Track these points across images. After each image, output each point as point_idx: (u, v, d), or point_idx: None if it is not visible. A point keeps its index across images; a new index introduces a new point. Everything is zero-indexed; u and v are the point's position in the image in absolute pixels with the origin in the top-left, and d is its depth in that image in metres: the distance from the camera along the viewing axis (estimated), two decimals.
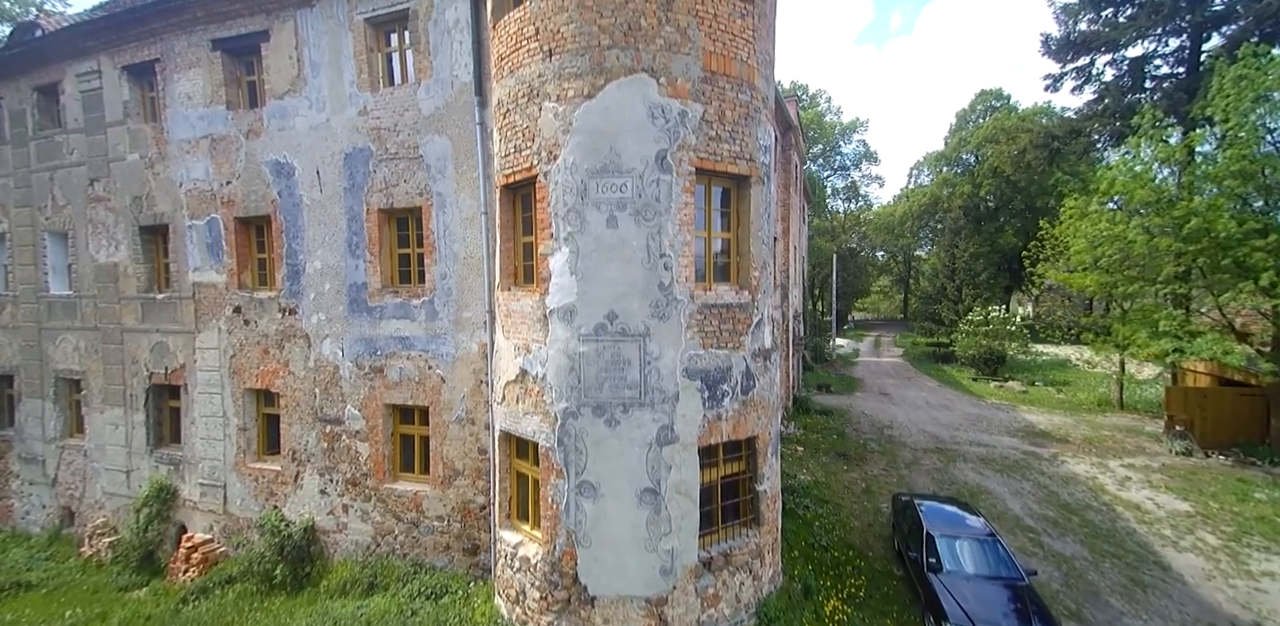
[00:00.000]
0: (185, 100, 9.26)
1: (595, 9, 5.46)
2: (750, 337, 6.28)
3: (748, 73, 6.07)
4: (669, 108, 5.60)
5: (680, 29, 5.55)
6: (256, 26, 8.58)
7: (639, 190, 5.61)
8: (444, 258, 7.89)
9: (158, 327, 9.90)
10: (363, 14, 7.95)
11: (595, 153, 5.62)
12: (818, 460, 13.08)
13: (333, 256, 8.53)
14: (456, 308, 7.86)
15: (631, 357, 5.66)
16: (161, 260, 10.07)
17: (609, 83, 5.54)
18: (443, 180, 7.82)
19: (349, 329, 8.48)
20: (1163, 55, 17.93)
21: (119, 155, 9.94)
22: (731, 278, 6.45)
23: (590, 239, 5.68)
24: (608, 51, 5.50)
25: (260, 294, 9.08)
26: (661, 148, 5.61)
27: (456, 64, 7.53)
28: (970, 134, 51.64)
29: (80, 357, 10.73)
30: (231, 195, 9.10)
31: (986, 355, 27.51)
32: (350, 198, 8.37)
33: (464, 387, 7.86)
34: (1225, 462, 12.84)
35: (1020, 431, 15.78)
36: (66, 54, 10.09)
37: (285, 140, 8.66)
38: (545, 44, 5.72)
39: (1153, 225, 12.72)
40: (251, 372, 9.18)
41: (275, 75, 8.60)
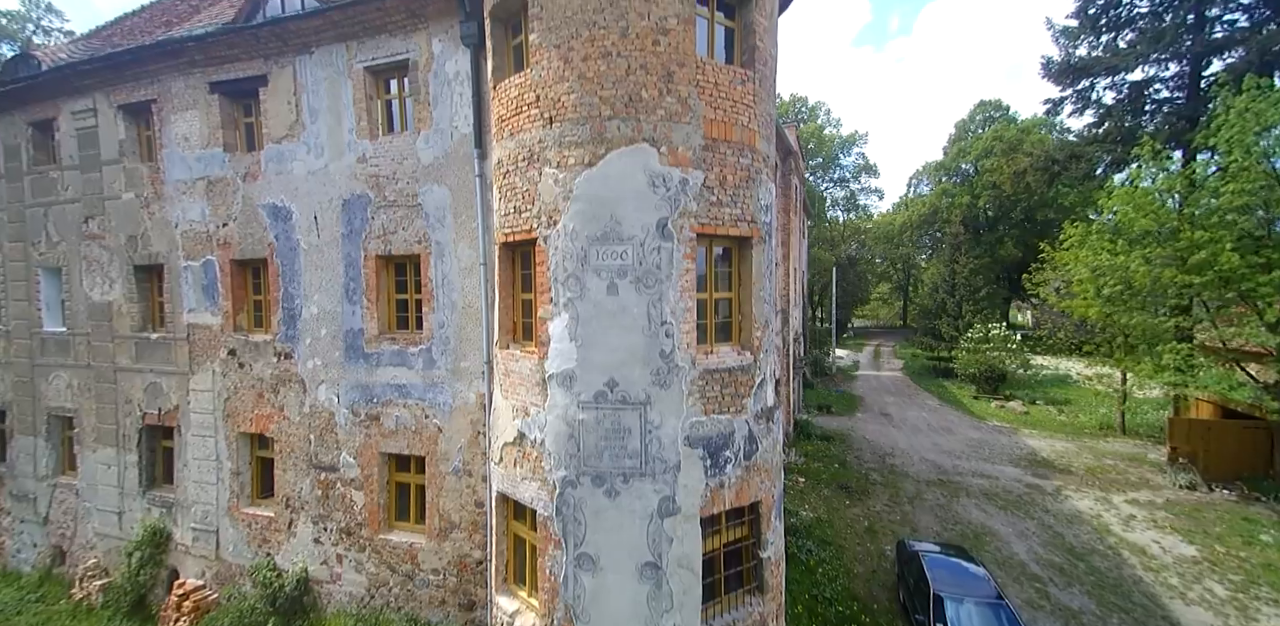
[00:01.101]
0: (182, 141, 9.19)
1: (596, 81, 5.39)
2: (753, 399, 6.18)
3: (748, 137, 6.00)
4: (670, 176, 5.52)
5: (681, 99, 5.48)
6: (255, 71, 8.52)
7: (640, 258, 5.53)
8: (442, 306, 7.80)
9: (151, 368, 9.78)
10: (362, 62, 7.89)
11: (596, 220, 5.54)
12: (819, 493, 12.94)
13: (330, 301, 8.43)
14: (454, 357, 7.76)
15: (632, 426, 5.55)
16: (156, 299, 9.96)
17: (610, 152, 5.46)
18: (441, 229, 7.74)
19: (345, 375, 8.37)
20: (1163, 79, 17.96)
21: (114, 193, 9.86)
22: (733, 337, 6.35)
23: (591, 305, 5.59)
24: (609, 122, 5.43)
25: (256, 337, 8.97)
26: (663, 216, 5.52)
27: (456, 115, 7.47)
28: (969, 144, 51.92)
29: (73, 395, 10.60)
30: (228, 237, 9.01)
31: (987, 373, 27.44)
32: (348, 243, 8.29)
33: (461, 438, 7.74)
34: (1230, 497, 12.72)
35: (1023, 460, 15.66)
36: (62, 91, 10.03)
37: (283, 184, 8.59)
38: (546, 111, 5.65)
39: (1155, 256, 12.66)
40: (246, 416, 9.06)
41: (273, 120, 8.53)
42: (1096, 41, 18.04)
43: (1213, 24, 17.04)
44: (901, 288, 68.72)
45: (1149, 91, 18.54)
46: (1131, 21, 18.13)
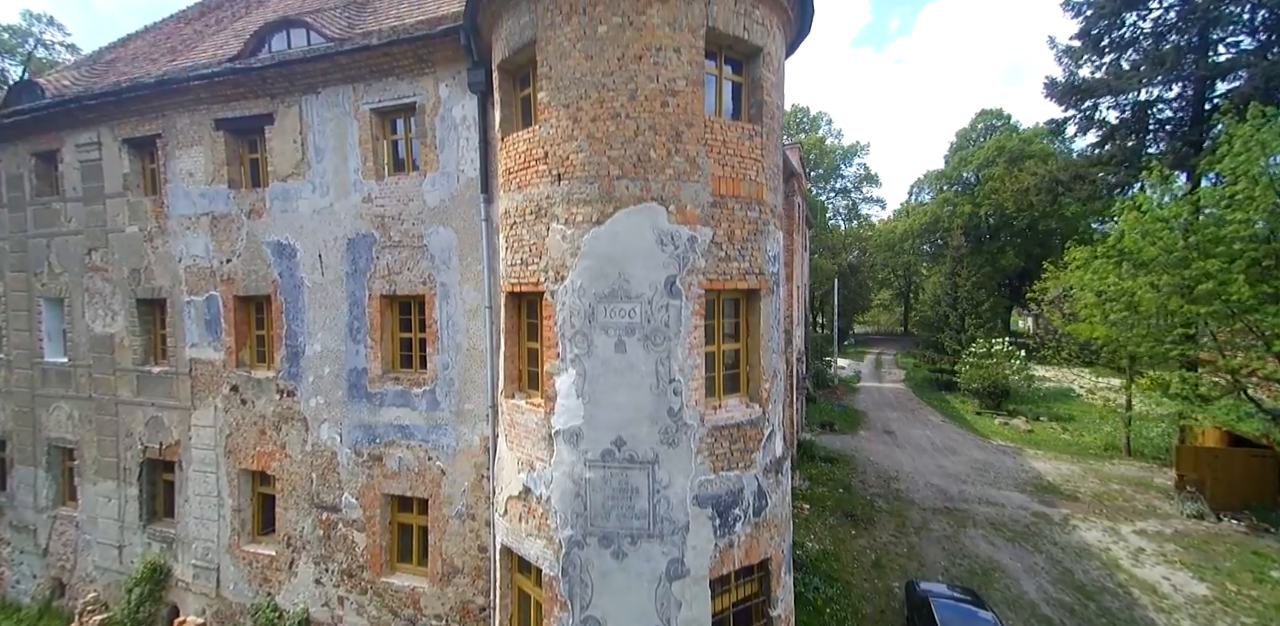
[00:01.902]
0: (186, 177, 9.17)
1: (605, 141, 5.36)
2: (761, 453, 6.11)
3: (756, 191, 5.96)
4: (678, 234, 5.48)
5: (689, 158, 5.45)
6: (260, 109, 8.51)
7: (648, 315, 5.48)
8: (446, 348, 7.74)
9: (153, 401, 9.72)
10: (369, 104, 7.88)
11: (604, 277, 5.49)
12: (825, 521, 12.84)
13: (333, 340, 8.38)
14: (458, 399, 7.70)
15: (640, 486, 5.48)
16: (159, 332, 9.91)
17: (618, 210, 5.42)
18: (447, 271, 7.70)
19: (348, 414, 8.31)
20: (1166, 100, 17.97)
21: (118, 226, 9.83)
22: (741, 388, 6.30)
23: (598, 363, 5.54)
24: (617, 181, 5.39)
25: (258, 373, 8.92)
26: (671, 273, 5.48)
27: (463, 159, 7.45)
28: (971, 154, 52.01)
29: (74, 427, 10.54)
30: (231, 273, 8.97)
31: (990, 388, 27.32)
32: (352, 282, 8.25)
33: (465, 481, 7.67)
34: (1238, 528, 12.61)
35: (1029, 485, 15.55)
36: (65, 123, 10.02)
37: (287, 222, 8.56)
38: (554, 168, 5.62)
39: (1162, 284, 12.59)
40: (247, 453, 8.99)
41: (279, 157, 8.51)
42: (1100, 62, 18.08)
43: (1216, 46, 17.06)
44: (902, 294, 68.67)
45: (1152, 111, 18.56)
46: (1135, 42, 18.16)
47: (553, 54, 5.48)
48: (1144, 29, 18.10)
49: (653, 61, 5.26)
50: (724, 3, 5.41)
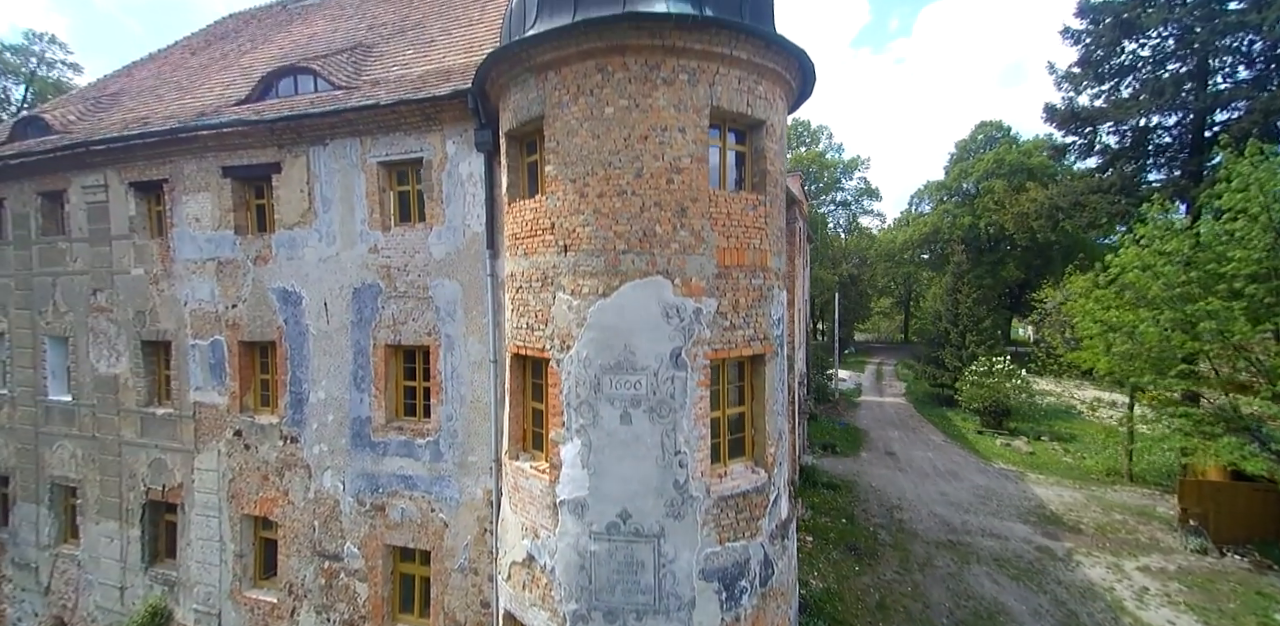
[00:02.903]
0: (193, 222, 9.22)
1: (611, 216, 5.40)
2: (767, 519, 6.11)
3: (760, 258, 6.01)
4: (684, 306, 5.52)
5: (695, 232, 5.49)
6: (268, 158, 8.57)
7: (653, 387, 5.50)
8: (451, 399, 7.76)
9: (156, 443, 9.72)
10: (376, 157, 7.94)
11: (609, 349, 5.52)
12: (827, 555, 12.79)
13: (337, 388, 8.40)
14: (462, 451, 7.71)
15: (645, 560, 5.48)
16: (163, 373, 9.93)
17: (624, 283, 5.46)
18: (452, 323, 7.73)
19: (351, 462, 8.31)
20: (1165, 127, 18.08)
21: (123, 268, 9.87)
22: (746, 453, 6.31)
23: (603, 434, 5.56)
24: (623, 255, 5.43)
25: (262, 419, 8.93)
26: (676, 345, 5.51)
27: (469, 215, 7.50)
28: (970, 165, 52.22)
29: (77, 465, 10.53)
30: (236, 319, 9.01)
31: (992, 407, 27.29)
32: (357, 331, 8.27)
33: (467, 535, 7.66)
34: (1242, 564, 12.56)
35: (1032, 515, 15.50)
36: (71, 165, 10.08)
37: (293, 269, 8.60)
38: (561, 239, 5.66)
39: (1164, 319, 12.61)
40: (250, 498, 8.99)
41: (285, 206, 8.57)
42: (1099, 89, 18.22)
43: (1215, 75, 17.19)
44: (903, 302, 68.76)
45: (1151, 136, 18.68)
46: (1133, 69, 18.30)
47: (560, 131, 5.54)
48: (1143, 56, 18.25)
49: (658, 141, 5.32)
50: (727, 82, 5.47)
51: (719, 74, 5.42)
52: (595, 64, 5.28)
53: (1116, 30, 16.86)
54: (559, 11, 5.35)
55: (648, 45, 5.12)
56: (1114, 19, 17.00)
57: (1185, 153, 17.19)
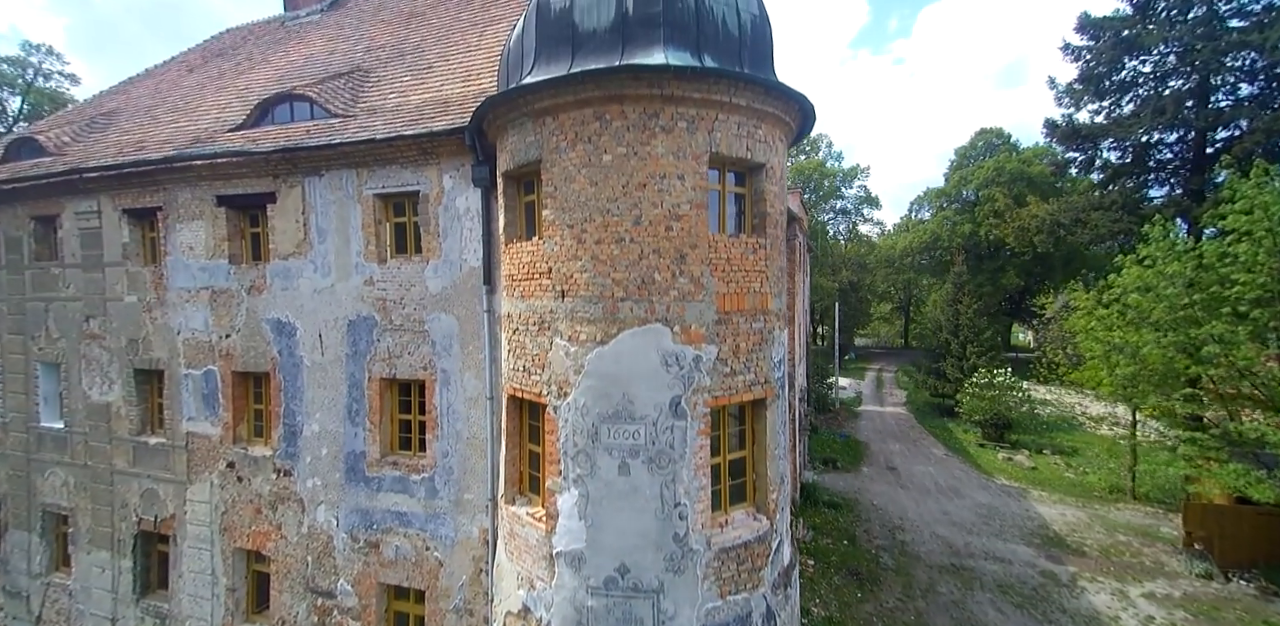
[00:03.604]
0: (187, 250, 9.11)
1: (609, 263, 5.30)
2: (770, 568, 5.98)
3: (761, 302, 5.90)
4: (683, 354, 5.41)
5: (694, 279, 5.39)
6: (263, 188, 8.48)
7: (652, 437, 5.38)
8: (446, 435, 7.64)
9: (149, 473, 9.59)
10: (372, 190, 7.85)
11: (608, 398, 5.41)
12: (829, 581, 12.64)
13: (331, 421, 8.28)
14: (458, 488, 7.58)
15: (644, 617, 5.35)
16: (156, 402, 9.80)
17: (623, 331, 5.35)
18: (448, 358, 7.61)
19: (345, 497, 8.18)
20: (1166, 144, 18.02)
21: (116, 295, 9.76)
22: (748, 498, 6.19)
23: (601, 484, 5.43)
24: (621, 303, 5.33)
25: (255, 451, 8.80)
26: (676, 394, 5.39)
27: (466, 249, 7.39)
28: (970, 173, 52.23)
29: (69, 494, 10.39)
30: (230, 349, 8.89)
31: (993, 420, 27.14)
32: (352, 364, 8.16)
33: (463, 574, 7.52)
34: (1248, 590, 12.41)
35: (1035, 536, 15.35)
36: (65, 190, 9.97)
37: (288, 300, 8.49)
38: (558, 284, 5.56)
39: (1166, 342, 12.51)
40: (243, 531, 8.85)
41: (280, 236, 8.46)
42: (1100, 105, 18.18)
43: (1216, 91, 17.15)
44: (903, 307, 68.71)
45: (1152, 152, 18.62)
46: (1135, 85, 18.26)
47: (558, 176, 5.44)
48: (1144, 72, 18.22)
49: (657, 189, 5.22)
50: (727, 128, 5.38)
51: (718, 121, 5.33)
52: (593, 112, 5.18)
53: (1117, 48, 16.83)
54: (556, 60, 5.27)
55: (646, 95, 5.02)
56: (1115, 36, 16.97)
57: (1187, 169, 17.13)
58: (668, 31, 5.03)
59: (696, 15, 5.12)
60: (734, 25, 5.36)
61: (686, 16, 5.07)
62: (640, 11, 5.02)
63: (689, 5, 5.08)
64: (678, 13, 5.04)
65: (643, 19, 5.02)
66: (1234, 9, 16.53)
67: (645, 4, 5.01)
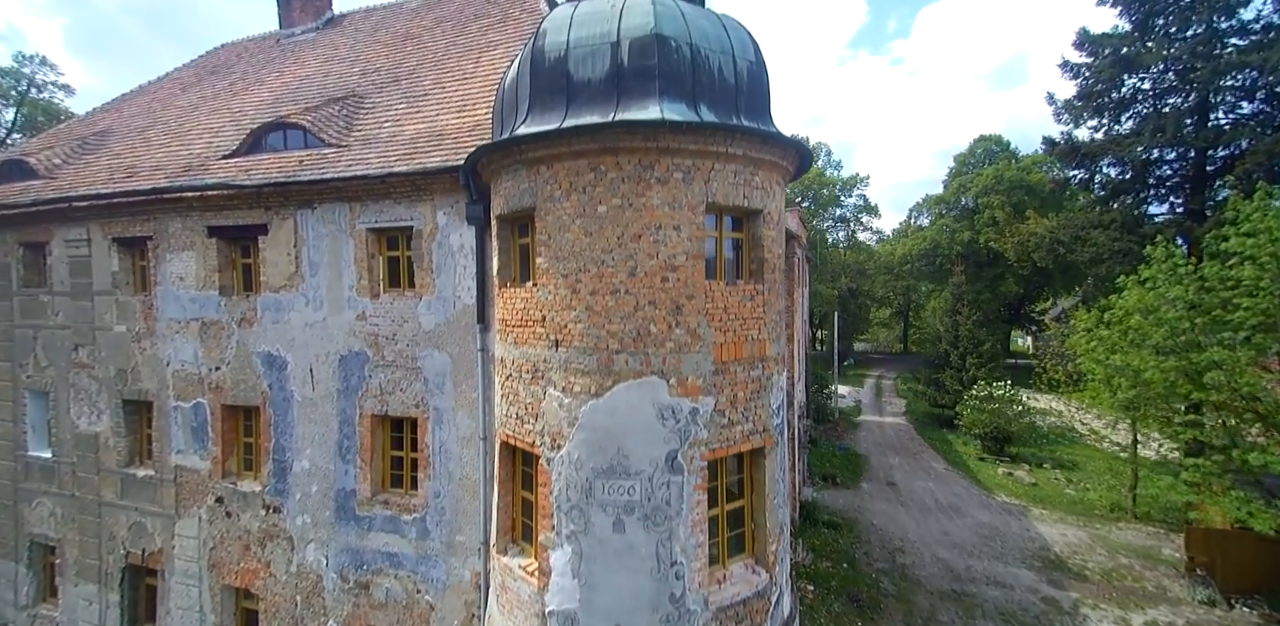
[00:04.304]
0: (177, 281, 8.98)
1: (604, 314, 5.17)
2: (770, 623, 5.84)
3: (759, 349, 5.78)
4: (679, 407, 5.27)
5: (690, 330, 5.26)
6: (255, 220, 8.35)
7: (648, 493, 5.24)
8: (438, 475, 7.49)
9: (136, 506, 9.42)
10: (365, 224, 7.73)
11: (602, 452, 5.27)
12: (829, 608, 12.47)
13: (322, 458, 8.13)
14: (450, 530, 7.43)
15: None
16: (145, 433, 9.64)
17: (617, 384, 5.22)
18: (441, 396, 7.48)
19: (335, 536, 8.03)
20: (1166, 161, 17.97)
21: (105, 325, 9.61)
22: (747, 549, 6.04)
23: (595, 542, 5.29)
24: (616, 355, 5.20)
25: (244, 486, 8.64)
26: (672, 448, 5.26)
27: (460, 286, 7.27)
28: (969, 180, 52.26)
29: (56, 524, 10.21)
30: (220, 381, 8.74)
31: (993, 432, 27.02)
32: (343, 399, 8.02)
33: (454, 619, 7.36)
34: (1251, 618, 12.26)
35: (1036, 559, 15.20)
36: (54, 217, 9.83)
37: (279, 333, 8.35)
38: (552, 334, 5.43)
39: (1169, 367, 12.39)
40: (231, 568, 8.68)
41: (272, 268, 8.33)
42: (1099, 123, 18.13)
43: (1216, 108, 17.10)
44: (902, 312, 68.71)
45: (1153, 169, 18.56)
46: (1134, 102, 18.21)
47: (552, 225, 5.32)
48: (1143, 88, 18.18)
49: (652, 240, 5.10)
50: (723, 178, 5.27)
51: (715, 170, 5.22)
52: (588, 162, 5.07)
53: (1116, 66, 16.79)
54: (550, 110, 5.16)
55: (641, 147, 4.91)
56: (1113, 54, 16.94)
57: (1187, 186, 17.07)
58: (663, 83, 4.92)
59: (692, 66, 5.01)
60: (730, 73, 5.25)
61: (682, 67, 4.97)
62: (635, 63, 4.91)
63: (684, 56, 4.97)
64: (673, 64, 4.94)
65: (638, 70, 4.92)
66: (1233, 27, 16.52)
67: (640, 56, 4.90)
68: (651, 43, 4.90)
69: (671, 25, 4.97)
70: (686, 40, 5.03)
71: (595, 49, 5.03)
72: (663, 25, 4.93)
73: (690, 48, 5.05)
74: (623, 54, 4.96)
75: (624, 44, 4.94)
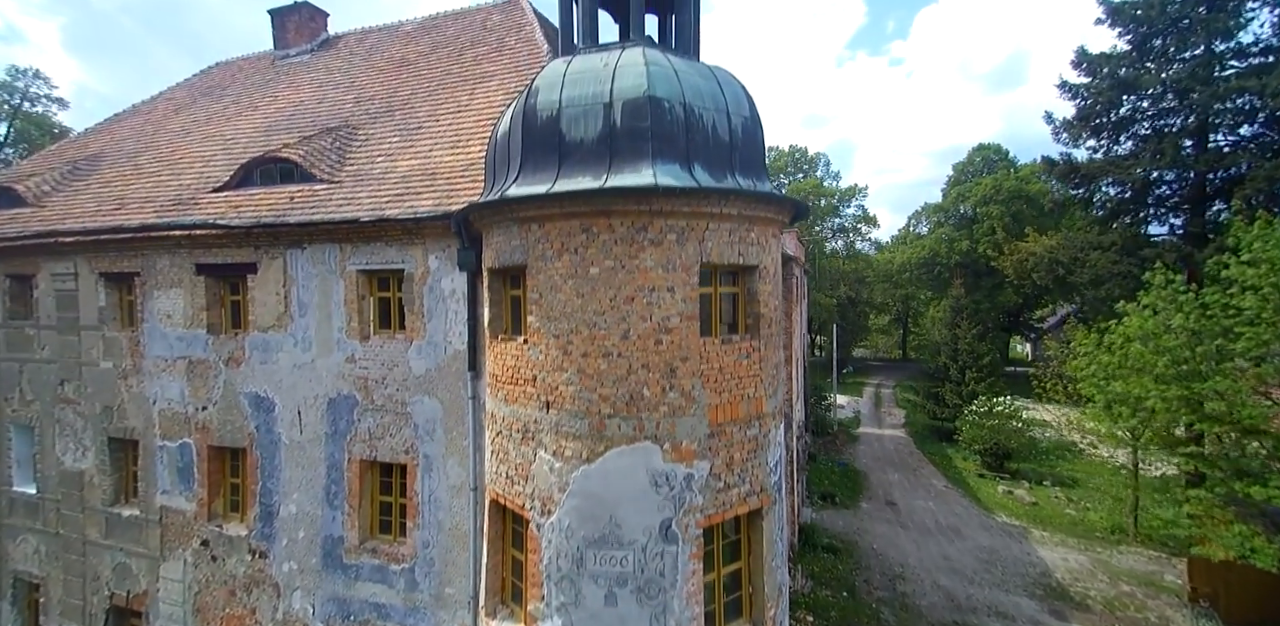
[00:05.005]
0: (165, 318, 8.82)
1: (596, 378, 5.03)
2: None
3: (756, 407, 5.63)
4: (674, 474, 5.12)
5: (684, 393, 5.12)
6: (243, 259, 8.21)
7: (641, 564, 5.08)
8: (428, 525, 7.31)
9: (121, 547, 9.22)
10: (356, 265, 7.58)
11: (594, 520, 5.11)
12: None
13: (309, 502, 7.95)
14: (439, 582, 7.23)
15: None
16: (130, 470, 9.45)
17: (610, 450, 5.07)
18: (430, 442, 7.31)
19: (321, 584, 7.83)
20: (1166, 182, 17.92)
21: (91, 360, 9.44)
22: (744, 613, 5.87)
23: (586, 615, 5.12)
24: (609, 419, 5.05)
25: (230, 529, 8.45)
26: (666, 517, 5.10)
27: (450, 331, 7.12)
28: (968, 189, 52.35)
29: (40, 562, 10.01)
30: (206, 422, 8.57)
31: (993, 448, 26.87)
32: (331, 444, 7.85)
33: None
34: None
35: (1038, 586, 15.01)
36: (41, 251, 9.69)
37: (266, 374, 8.19)
38: (543, 395, 5.28)
39: (1171, 396, 12.26)
40: (216, 614, 8.47)
41: (261, 308, 8.18)
42: (1098, 144, 18.10)
43: (1215, 129, 17.06)
44: (900, 319, 68.71)
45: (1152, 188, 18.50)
46: (1133, 121, 18.17)
47: (544, 284, 5.19)
48: (1142, 107, 18.14)
49: (646, 302, 4.97)
50: (718, 236, 5.14)
51: (709, 230, 5.09)
52: (580, 224, 4.94)
53: (1115, 88, 16.77)
54: (542, 169, 5.04)
55: (634, 210, 4.79)
56: (1112, 76, 16.91)
57: (1186, 207, 17.01)
58: (657, 145, 4.80)
59: (686, 126, 4.90)
60: (724, 131, 5.14)
61: (675, 128, 4.85)
62: (628, 124, 4.80)
63: (678, 116, 4.86)
64: (666, 125, 4.82)
65: (631, 132, 4.80)
66: (1232, 49, 16.50)
67: (633, 117, 4.78)
68: (645, 104, 4.78)
69: (664, 86, 4.86)
70: (680, 100, 4.92)
71: (588, 109, 4.91)
72: (655, 86, 4.81)
73: (684, 107, 4.93)
74: (615, 115, 4.84)
75: (617, 105, 4.82)
